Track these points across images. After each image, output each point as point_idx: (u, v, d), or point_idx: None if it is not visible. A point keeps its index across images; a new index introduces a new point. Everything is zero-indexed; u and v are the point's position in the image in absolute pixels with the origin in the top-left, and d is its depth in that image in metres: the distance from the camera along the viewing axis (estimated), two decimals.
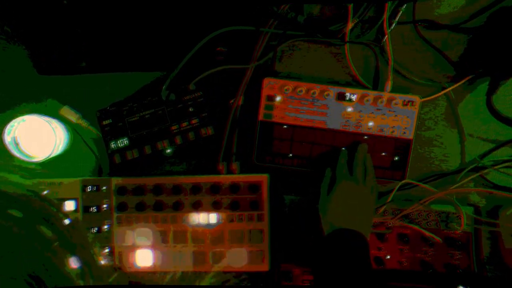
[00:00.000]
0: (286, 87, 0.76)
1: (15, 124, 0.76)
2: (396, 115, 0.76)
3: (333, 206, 0.70)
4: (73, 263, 0.37)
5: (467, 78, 0.76)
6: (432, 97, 0.77)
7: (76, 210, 0.78)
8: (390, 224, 0.76)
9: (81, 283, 0.37)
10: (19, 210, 0.35)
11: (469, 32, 0.76)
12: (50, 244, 0.36)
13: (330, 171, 0.74)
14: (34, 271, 0.32)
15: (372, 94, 0.75)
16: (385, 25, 0.75)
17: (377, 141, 0.76)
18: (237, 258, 0.77)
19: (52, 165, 0.82)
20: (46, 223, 0.37)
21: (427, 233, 0.74)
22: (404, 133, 0.76)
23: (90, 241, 0.43)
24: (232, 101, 0.79)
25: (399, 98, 0.75)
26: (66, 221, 0.40)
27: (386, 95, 0.75)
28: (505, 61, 0.72)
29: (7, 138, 0.75)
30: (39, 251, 0.34)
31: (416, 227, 0.75)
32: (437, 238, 0.74)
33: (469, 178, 0.77)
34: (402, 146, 0.76)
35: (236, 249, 0.77)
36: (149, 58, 0.79)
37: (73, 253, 0.37)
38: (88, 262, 0.39)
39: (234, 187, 0.77)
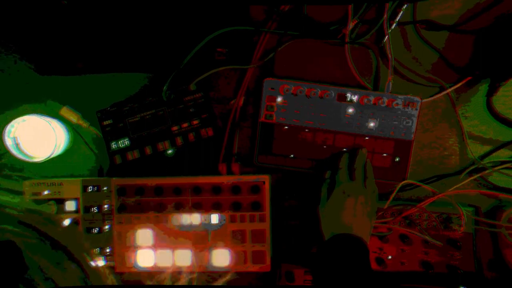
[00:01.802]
0: (286, 88, 0.76)
1: (16, 124, 0.75)
2: (397, 116, 0.76)
3: (333, 211, 0.70)
4: (69, 266, 0.37)
5: (467, 79, 0.76)
6: (433, 98, 0.77)
7: (76, 211, 0.78)
8: (391, 225, 0.76)
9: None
10: (10, 225, 0.36)
11: (469, 33, 0.76)
12: (40, 252, 0.36)
13: (330, 174, 0.74)
14: (30, 275, 0.32)
15: (372, 94, 0.75)
16: (385, 25, 0.75)
17: (377, 141, 0.76)
18: (239, 259, 0.77)
19: (52, 166, 0.82)
20: (37, 233, 0.37)
21: (428, 238, 0.75)
22: (405, 133, 0.76)
23: (86, 245, 0.43)
24: (232, 101, 0.79)
25: (400, 98, 0.75)
26: (67, 221, 0.41)
27: (386, 95, 0.75)
28: (505, 63, 0.73)
29: (8, 139, 0.75)
30: (35, 257, 0.34)
31: (417, 231, 0.75)
32: (438, 243, 0.75)
33: (470, 179, 0.77)
34: (402, 147, 0.76)
35: (238, 249, 0.77)
36: (150, 58, 0.79)
37: (66, 258, 0.38)
38: (83, 266, 0.39)
39: (235, 188, 0.77)
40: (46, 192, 0.78)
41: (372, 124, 0.76)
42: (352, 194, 0.70)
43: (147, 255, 0.78)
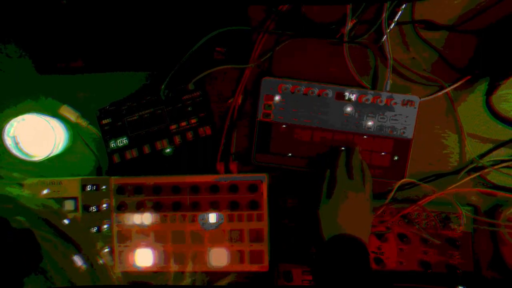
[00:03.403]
0: (284, 87, 0.76)
1: (15, 123, 0.76)
2: (395, 115, 0.76)
3: (333, 211, 0.69)
4: (77, 261, 0.38)
5: (466, 78, 0.76)
6: (432, 96, 0.77)
7: (75, 210, 0.79)
8: (389, 224, 0.76)
9: (85, 281, 0.37)
10: (23, 216, 0.37)
11: (468, 33, 0.76)
12: (52, 243, 0.36)
13: (329, 172, 0.74)
14: (44, 265, 0.33)
15: (371, 93, 0.75)
16: (384, 25, 0.75)
17: (376, 140, 0.76)
18: (237, 258, 0.77)
19: (51, 164, 0.82)
20: (47, 225, 0.38)
21: (426, 236, 0.74)
22: (404, 132, 0.76)
23: (92, 239, 0.44)
24: (231, 100, 0.79)
25: (399, 97, 0.75)
26: (66, 221, 0.41)
27: (385, 94, 0.75)
28: (505, 61, 0.72)
29: (7, 138, 0.76)
30: (43, 249, 0.35)
31: (416, 227, 0.75)
32: (437, 241, 0.74)
33: (469, 178, 0.77)
34: (401, 146, 0.76)
35: (236, 248, 0.77)
36: (148, 57, 0.79)
37: (76, 252, 0.38)
38: (90, 260, 0.39)
39: (233, 187, 0.77)
40: (45, 191, 0.78)
41: (370, 123, 0.76)
42: (352, 193, 0.70)
43: (145, 254, 0.78)
